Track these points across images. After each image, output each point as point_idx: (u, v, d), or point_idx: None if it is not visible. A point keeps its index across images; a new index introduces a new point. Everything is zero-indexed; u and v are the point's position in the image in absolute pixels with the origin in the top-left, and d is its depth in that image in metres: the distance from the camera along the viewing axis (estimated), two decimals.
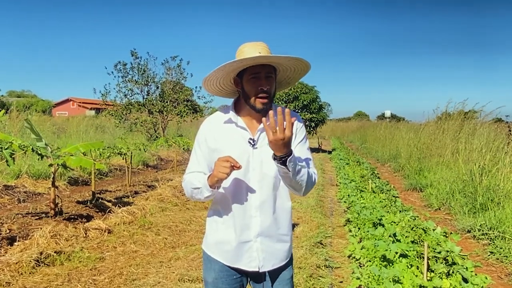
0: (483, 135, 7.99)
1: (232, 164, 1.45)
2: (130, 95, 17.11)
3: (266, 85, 1.54)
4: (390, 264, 3.36)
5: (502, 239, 4.47)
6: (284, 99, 16.78)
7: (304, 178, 1.51)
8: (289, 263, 1.72)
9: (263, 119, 1.39)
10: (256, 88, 1.54)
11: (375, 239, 3.90)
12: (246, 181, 1.58)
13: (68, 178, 7.95)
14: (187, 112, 17.55)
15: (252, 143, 1.59)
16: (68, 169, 5.43)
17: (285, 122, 1.37)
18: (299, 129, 1.67)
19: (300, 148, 1.63)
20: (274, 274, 1.68)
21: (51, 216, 5.15)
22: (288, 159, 1.40)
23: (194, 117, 18.25)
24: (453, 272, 3.21)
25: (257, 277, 1.67)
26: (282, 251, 1.66)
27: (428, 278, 3.06)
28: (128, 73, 16.84)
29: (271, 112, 1.35)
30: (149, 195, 6.68)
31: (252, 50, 1.55)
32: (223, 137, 1.61)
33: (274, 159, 1.43)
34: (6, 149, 4.34)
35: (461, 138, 8.82)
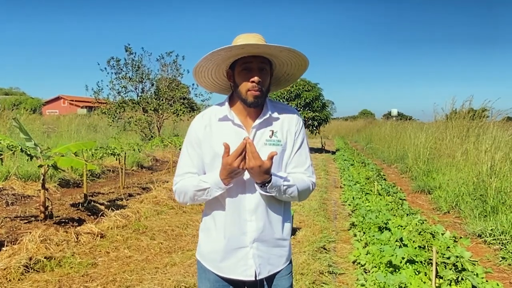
0: (494, 134, 7.83)
1: (239, 163, 1.37)
2: (124, 92, 16.86)
3: (258, 77, 1.47)
4: (397, 270, 3.31)
5: None
6: (285, 96, 16.61)
7: (294, 194, 1.50)
8: (288, 269, 1.64)
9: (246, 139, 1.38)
10: (247, 80, 1.48)
11: (381, 244, 3.85)
12: (241, 184, 1.50)
13: (59, 180, 7.79)
14: (184, 111, 17.28)
15: None
16: (59, 170, 5.34)
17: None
18: (298, 132, 1.58)
19: (298, 155, 1.58)
20: (272, 282, 1.60)
21: (41, 220, 5.04)
22: (268, 186, 1.42)
23: (191, 115, 17.98)
24: (462, 278, 3.17)
25: (254, 286, 1.58)
26: (279, 256, 1.58)
27: (437, 285, 3.01)
28: (121, 69, 16.57)
29: (245, 140, 1.37)
30: (143, 197, 6.56)
31: (245, 41, 1.48)
32: (218, 135, 1.52)
33: (256, 183, 1.44)
34: None
35: (471, 137, 8.69)
